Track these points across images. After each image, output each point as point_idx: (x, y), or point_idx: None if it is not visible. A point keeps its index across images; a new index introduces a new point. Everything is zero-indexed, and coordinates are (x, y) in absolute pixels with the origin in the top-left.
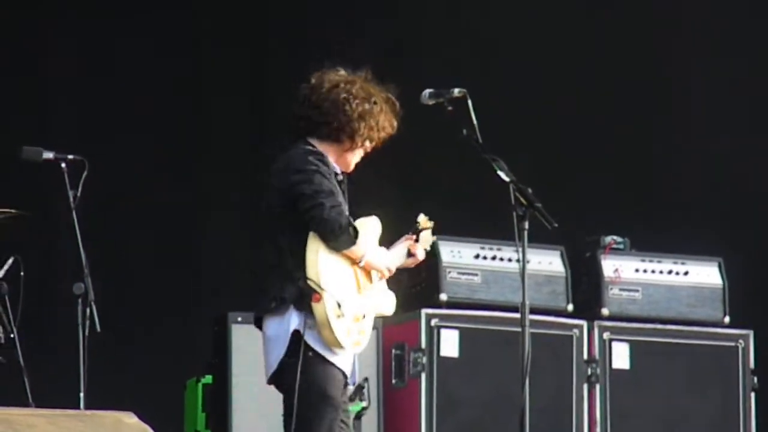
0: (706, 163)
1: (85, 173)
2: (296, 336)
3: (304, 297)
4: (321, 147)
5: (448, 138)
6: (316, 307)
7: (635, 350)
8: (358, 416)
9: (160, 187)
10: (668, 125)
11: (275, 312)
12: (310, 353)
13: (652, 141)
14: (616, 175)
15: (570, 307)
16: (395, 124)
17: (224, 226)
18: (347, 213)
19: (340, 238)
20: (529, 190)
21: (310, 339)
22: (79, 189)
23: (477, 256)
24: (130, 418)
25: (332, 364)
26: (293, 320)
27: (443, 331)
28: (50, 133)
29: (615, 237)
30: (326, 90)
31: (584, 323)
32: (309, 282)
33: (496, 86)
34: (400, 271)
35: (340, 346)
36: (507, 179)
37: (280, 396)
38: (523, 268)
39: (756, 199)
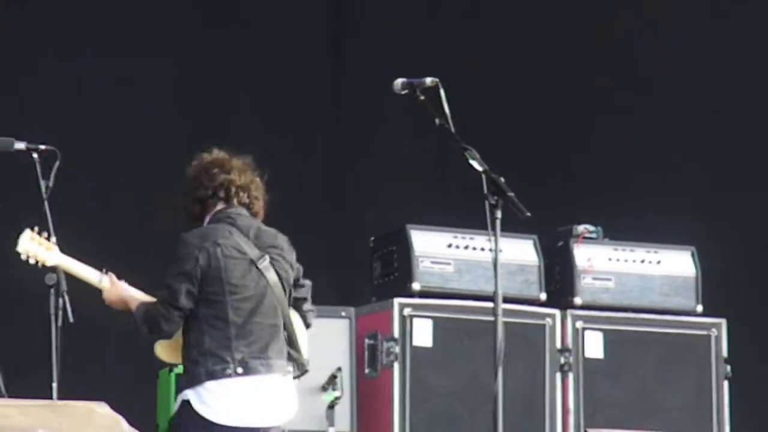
0: (679, 151)
1: (57, 163)
2: None
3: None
4: None
5: (419, 126)
6: None
7: (608, 339)
8: (331, 406)
9: (133, 176)
10: (644, 113)
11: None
12: None
13: (627, 129)
14: (590, 163)
15: (543, 296)
16: None
17: None
18: None
19: None
20: (502, 179)
21: None
22: (51, 179)
23: (450, 246)
24: (102, 408)
25: None
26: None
27: (416, 321)
28: (22, 123)
29: (588, 226)
30: (251, 170)
31: (557, 312)
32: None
33: (468, 74)
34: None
35: None
36: (480, 168)
37: None
38: (496, 258)
39: (729, 187)
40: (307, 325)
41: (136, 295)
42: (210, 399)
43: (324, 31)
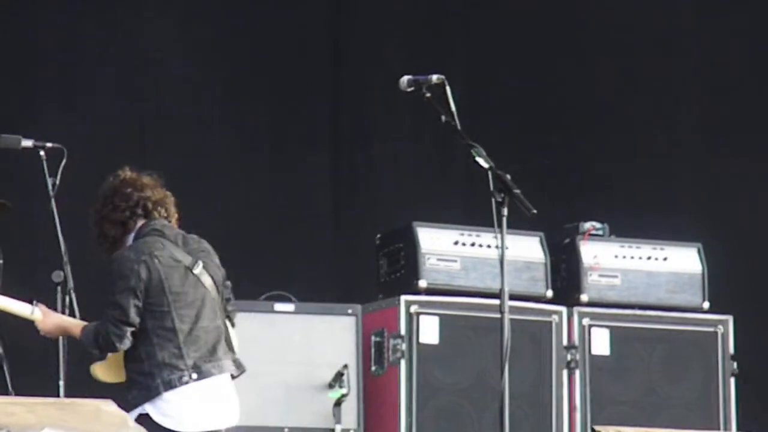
0: (686, 148)
1: (63, 161)
2: None
3: None
4: None
5: (423, 122)
6: None
7: (615, 336)
8: (338, 403)
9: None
10: (649, 111)
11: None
12: None
13: (632, 127)
14: (596, 160)
15: (549, 294)
16: None
17: (205, 213)
18: None
19: None
20: (508, 176)
21: None
22: (58, 177)
23: (456, 243)
24: (109, 406)
25: None
26: None
27: (423, 318)
28: (30, 120)
29: (594, 223)
30: (162, 186)
31: (563, 309)
32: None
33: (474, 70)
34: (380, 257)
35: None
36: (486, 165)
37: (260, 383)
38: (503, 255)
39: (735, 184)
40: (233, 324)
41: (73, 321)
42: (170, 409)
43: (324, 27)
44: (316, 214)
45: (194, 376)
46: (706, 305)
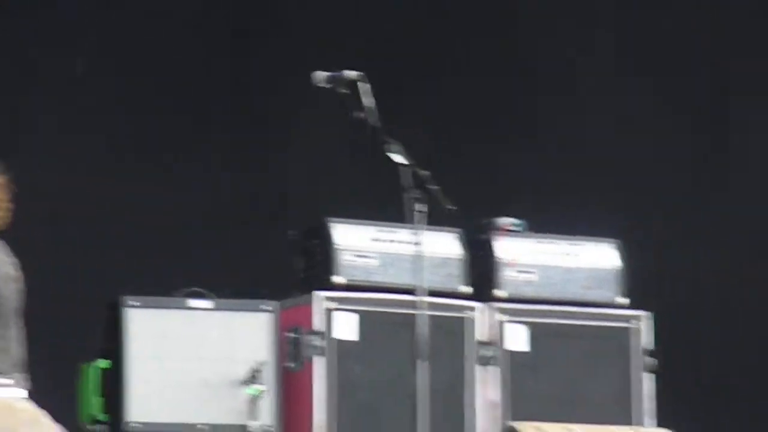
0: (605, 146)
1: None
2: None
3: None
4: None
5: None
6: None
7: (532, 332)
8: (254, 400)
9: (56, 172)
10: (566, 108)
11: None
12: None
13: (553, 123)
14: (515, 156)
15: (466, 289)
16: None
17: (121, 209)
18: None
19: None
20: (426, 173)
21: None
22: None
23: (373, 239)
24: (21, 403)
25: None
26: None
27: (339, 314)
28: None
29: (512, 219)
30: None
31: (480, 305)
32: None
33: (387, 66)
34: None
35: None
36: (403, 162)
37: (176, 379)
38: (419, 251)
39: (654, 180)
40: None
41: None
42: None
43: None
44: (232, 213)
45: (10, 382)
46: (621, 300)
